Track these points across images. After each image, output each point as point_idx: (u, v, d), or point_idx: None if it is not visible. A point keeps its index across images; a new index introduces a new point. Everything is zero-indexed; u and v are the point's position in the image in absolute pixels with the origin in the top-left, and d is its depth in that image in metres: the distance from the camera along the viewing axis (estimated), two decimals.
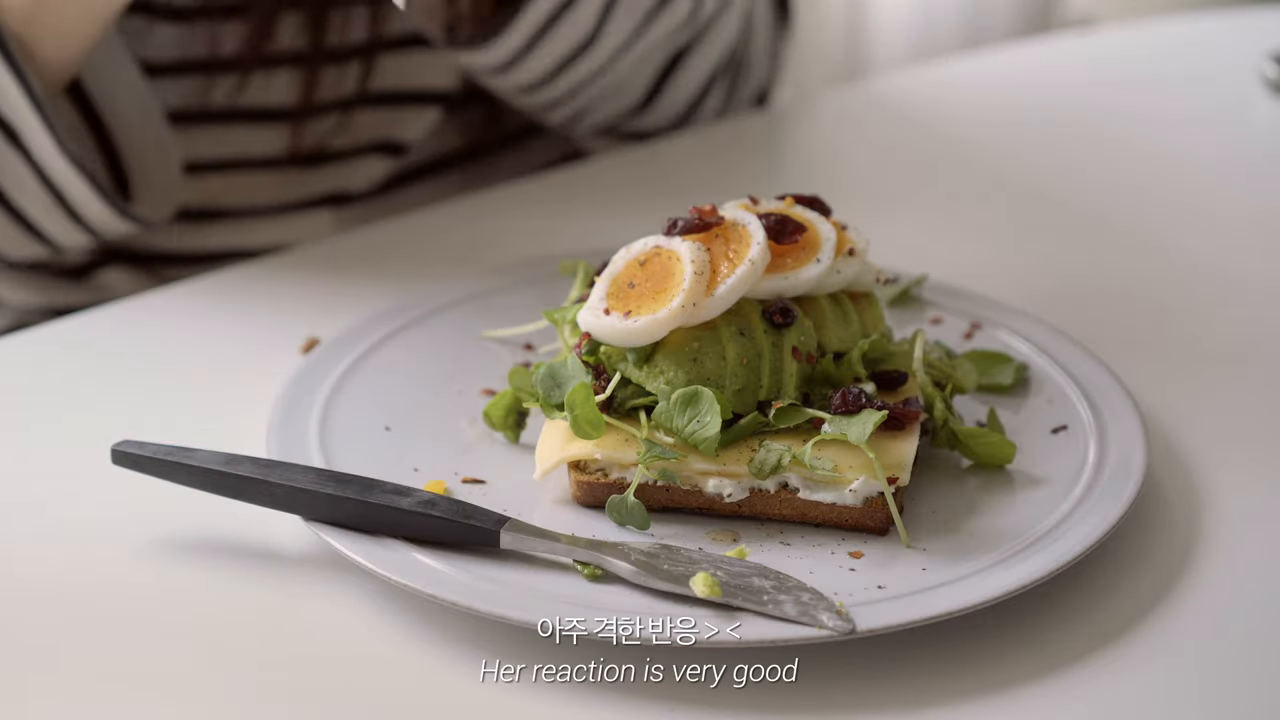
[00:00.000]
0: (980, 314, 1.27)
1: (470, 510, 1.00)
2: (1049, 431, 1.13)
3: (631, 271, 1.08)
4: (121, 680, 0.94)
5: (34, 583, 1.02)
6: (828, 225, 1.11)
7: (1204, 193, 1.62)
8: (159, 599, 1.00)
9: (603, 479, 1.05)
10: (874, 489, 1.02)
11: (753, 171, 1.63)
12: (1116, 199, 1.60)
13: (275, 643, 0.97)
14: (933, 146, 1.73)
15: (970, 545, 1.01)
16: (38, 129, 1.32)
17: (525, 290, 1.29)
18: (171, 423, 1.16)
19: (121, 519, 1.06)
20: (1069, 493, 1.06)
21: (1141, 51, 1.98)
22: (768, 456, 1.03)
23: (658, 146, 1.67)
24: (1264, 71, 1.85)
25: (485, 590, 0.96)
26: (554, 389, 1.07)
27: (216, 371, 1.24)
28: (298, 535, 1.04)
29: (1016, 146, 1.75)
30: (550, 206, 1.55)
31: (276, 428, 1.11)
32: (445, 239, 1.45)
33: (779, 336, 1.07)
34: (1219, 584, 1.02)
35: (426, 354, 1.22)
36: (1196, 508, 1.09)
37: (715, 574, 0.96)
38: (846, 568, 1.00)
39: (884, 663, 0.96)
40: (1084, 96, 1.86)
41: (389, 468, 1.07)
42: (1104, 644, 0.97)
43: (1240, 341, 1.32)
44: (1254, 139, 1.77)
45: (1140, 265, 1.47)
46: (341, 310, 1.29)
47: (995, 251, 1.49)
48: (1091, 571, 1.02)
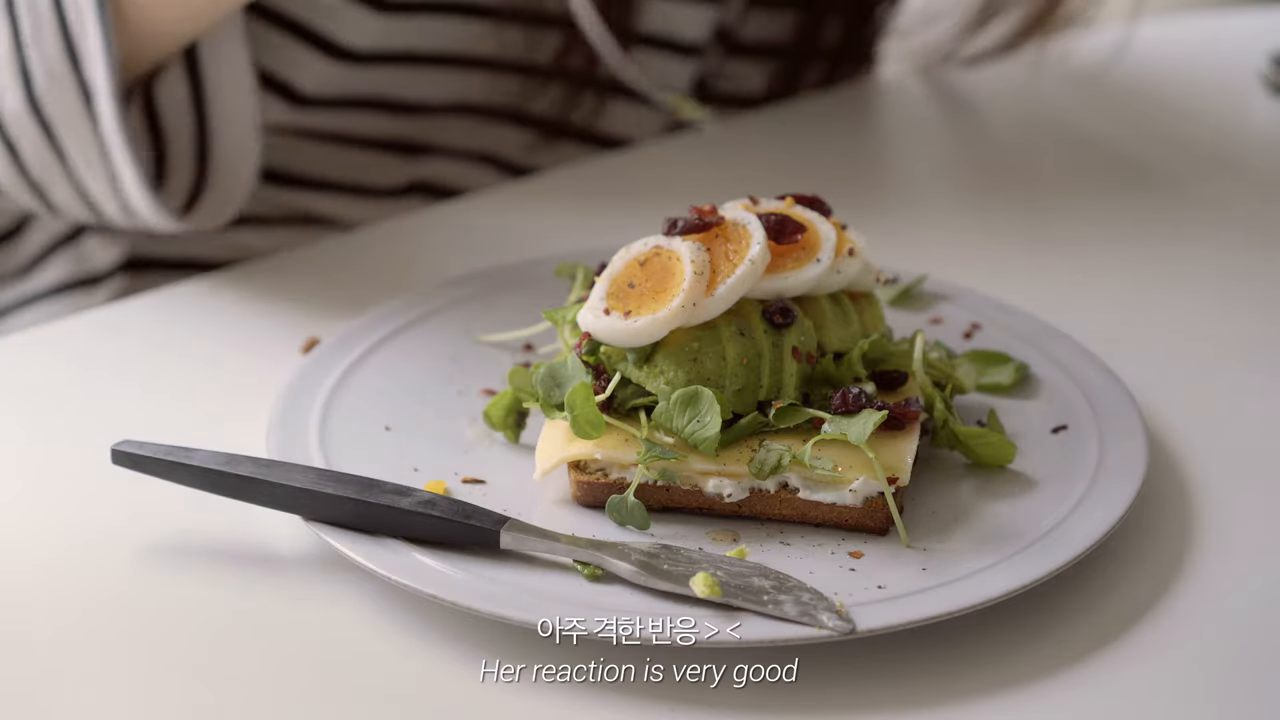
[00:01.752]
0: (980, 314, 1.27)
1: (470, 510, 1.00)
2: (1049, 431, 1.13)
3: (631, 271, 1.08)
4: (121, 680, 0.94)
5: (34, 583, 1.02)
6: (828, 225, 1.11)
7: (1204, 192, 1.62)
8: (159, 599, 1.00)
9: (603, 479, 1.05)
10: (874, 489, 1.02)
11: (753, 171, 1.63)
12: (1116, 199, 1.60)
13: (275, 643, 0.97)
14: (932, 146, 1.73)
15: (970, 545, 1.01)
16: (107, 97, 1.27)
17: (525, 291, 1.29)
18: (171, 423, 1.16)
19: (121, 519, 1.06)
20: (1069, 493, 1.06)
21: (1141, 51, 1.98)
22: (768, 456, 1.03)
23: (658, 146, 1.67)
24: (1264, 71, 1.85)
25: (485, 590, 0.96)
26: (554, 389, 1.07)
27: (216, 371, 1.24)
28: (298, 535, 1.04)
29: (1015, 146, 1.75)
30: (551, 206, 1.55)
31: (276, 428, 1.11)
32: (445, 239, 1.45)
33: (779, 336, 1.07)
34: (1219, 584, 1.02)
35: (426, 354, 1.22)
36: (1196, 508, 1.09)
37: (715, 574, 0.96)
38: (846, 568, 1.00)
39: (884, 663, 0.96)
40: (1084, 96, 1.86)
41: (389, 468, 1.07)
42: (1104, 644, 0.97)
43: (1240, 341, 1.32)
44: (1254, 139, 1.77)
45: (1140, 265, 1.47)
46: (341, 310, 1.29)
47: (995, 251, 1.49)
48: (1091, 571, 1.02)
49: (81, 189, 1.33)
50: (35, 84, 1.28)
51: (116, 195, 1.32)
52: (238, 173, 1.39)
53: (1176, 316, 1.36)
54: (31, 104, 1.29)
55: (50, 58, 1.27)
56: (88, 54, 1.26)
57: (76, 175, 1.32)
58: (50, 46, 1.27)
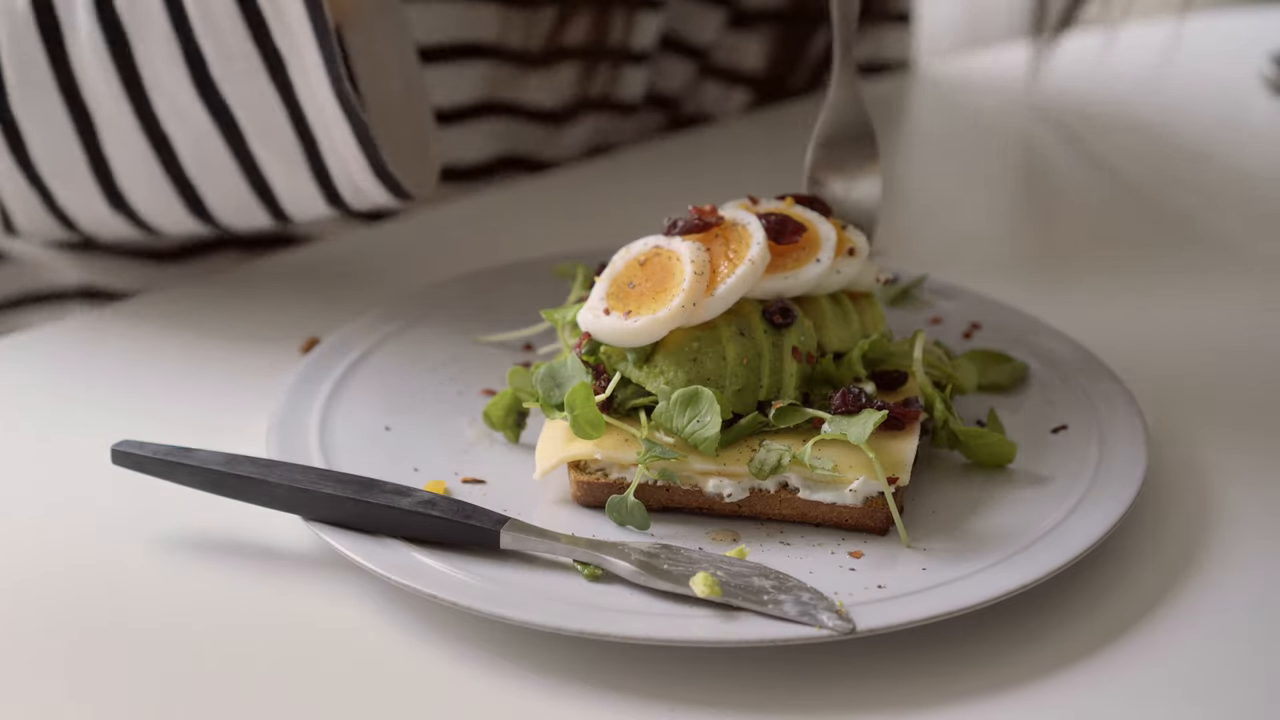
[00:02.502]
0: (980, 314, 1.27)
1: (470, 510, 1.00)
2: (1049, 431, 1.13)
3: (631, 271, 1.08)
4: (121, 680, 0.94)
5: (34, 583, 1.02)
6: (828, 225, 1.11)
7: (1204, 192, 1.62)
8: (159, 599, 1.00)
9: (603, 479, 1.05)
10: (874, 489, 1.02)
11: (753, 171, 1.63)
12: (1116, 199, 1.60)
13: (275, 643, 0.97)
14: (932, 146, 1.73)
15: (970, 545, 1.01)
16: (315, 61, 1.16)
17: (525, 291, 1.29)
18: (171, 423, 1.16)
19: (121, 519, 1.06)
20: (1069, 493, 1.06)
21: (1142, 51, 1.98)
22: (768, 456, 1.03)
23: (657, 146, 1.67)
24: (1264, 71, 1.85)
25: (485, 590, 0.96)
26: (554, 389, 1.07)
27: (216, 371, 1.24)
28: (298, 535, 1.04)
29: (1015, 145, 1.75)
30: (550, 206, 1.55)
31: (276, 428, 1.11)
32: (445, 239, 1.45)
33: (779, 336, 1.07)
34: (1219, 584, 1.02)
35: (426, 354, 1.22)
36: (1196, 507, 1.09)
37: (715, 574, 0.96)
38: (846, 568, 1.00)
39: (884, 663, 0.96)
40: (1083, 96, 1.86)
41: (389, 468, 1.07)
42: (1104, 644, 0.97)
43: (1240, 341, 1.32)
44: (1254, 139, 1.77)
45: (1139, 265, 1.47)
46: (341, 310, 1.29)
47: (995, 251, 1.49)
48: (1091, 571, 1.02)
49: (257, 175, 1.23)
50: (209, 62, 1.17)
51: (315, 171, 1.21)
52: (425, 125, 1.30)
53: (1177, 316, 1.36)
54: (200, 85, 1.18)
55: (226, 30, 1.16)
56: (284, 9, 1.15)
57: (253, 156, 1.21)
58: (224, 17, 1.16)
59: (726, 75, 1.75)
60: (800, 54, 1.76)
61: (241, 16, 1.16)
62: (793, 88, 1.77)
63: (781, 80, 1.76)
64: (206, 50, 1.17)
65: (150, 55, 1.18)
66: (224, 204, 1.25)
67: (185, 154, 1.22)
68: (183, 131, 1.21)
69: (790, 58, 1.75)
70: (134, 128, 1.21)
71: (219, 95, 1.19)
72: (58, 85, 1.20)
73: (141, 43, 1.18)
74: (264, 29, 1.16)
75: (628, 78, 1.65)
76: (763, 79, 1.75)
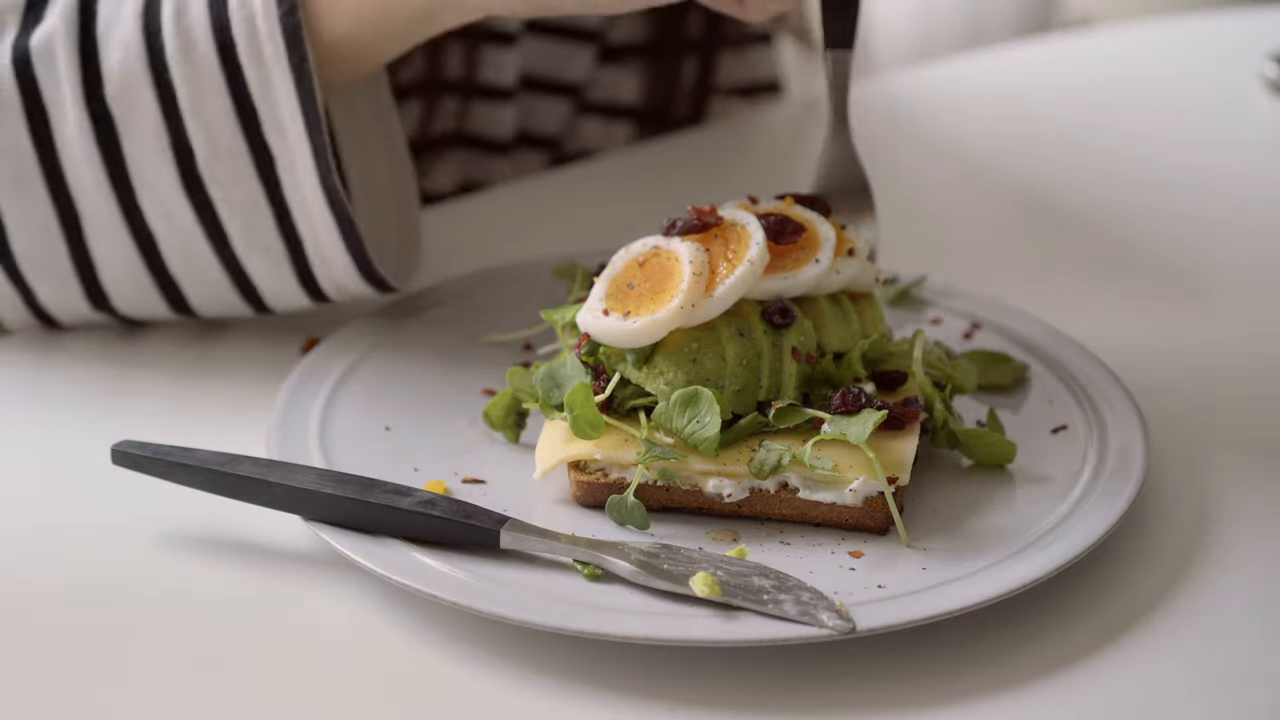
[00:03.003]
0: (980, 314, 1.27)
1: (470, 510, 1.00)
2: (1049, 431, 1.13)
3: (630, 272, 1.08)
4: (121, 680, 0.94)
5: (34, 582, 1.02)
6: (827, 225, 1.11)
7: (1204, 192, 1.62)
8: (159, 599, 1.00)
9: (603, 479, 1.05)
10: (874, 489, 1.02)
11: (753, 171, 1.63)
12: (1116, 199, 1.60)
13: (275, 643, 0.97)
14: (932, 146, 1.73)
15: (970, 545, 1.01)
16: (305, 155, 1.15)
17: (525, 290, 1.29)
18: (171, 423, 1.16)
19: (121, 519, 1.06)
20: (1069, 493, 1.06)
21: (1141, 52, 1.98)
22: (768, 456, 1.03)
23: (657, 146, 1.67)
24: (1264, 71, 1.85)
25: (485, 590, 0.96)
26: (554, 389, 1.07)
27: (216, 371, 1.24)
28: (298, 535, 1.04)
29: (1015, 146, 1.75)
30: (549, 206, 1.55)
31: (276, 428, 1.11)
32: (445, 239, 1.45)
33: (779, 337, 1.07)
34: (1219, 584, 1.02)
35: (426, 354, 1.22)
36: (1196, 507, 1.09)
37: (715, 574, 0.96)
38: (846, 567, 1.00)
39: (884, 663, 0.96)
40: (1083, 96, 1.86)
41: (389, 468, 1.07)
42: (1104, 643, 0.97)
43: (1240, 341, 1.32)
44: (1254, 139, 1.77)
45: (1139, 265, 1.47)
46: (341, 310, 1.29)
47: (995, 251, 1.49)
48: (1091, 571, 1.02)
49: (240, 272, 1.20)
50: (197, 157, 1.16)
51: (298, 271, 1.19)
52: (411, 211, 1.30)
53: (1176, 316, 1.36)
54: (186, 181, 1.16)
55: (216, 124, 1.15)
56: (276, 104, 1.14)
57: (236, 256, 1.19)
58: (217, 111, 1.15)
59: (605, 110, 1.72)
60: (674, 85, 1.73)
61: (234, 109, 1.15)
62: (676, 117, 1.75)
63: (664, 111, 1.74)
64: (195, 143, 1.15)
65: (138, 148, 1.16)
66: (206, 301, 1.23)
67: (169, 252, 1.20)
68: (167, 229, 1.19)
69: (665, 89, 1.73)
70: (119, 223, 1.18)
71: (204, 192, 1.17)
72: (43, 176, 1.17)
73: (130, 134, 1.16)
74: (255, 122, 1.15)
75: (488, 114, 1.63)
76: (643, 111, 1.73)
